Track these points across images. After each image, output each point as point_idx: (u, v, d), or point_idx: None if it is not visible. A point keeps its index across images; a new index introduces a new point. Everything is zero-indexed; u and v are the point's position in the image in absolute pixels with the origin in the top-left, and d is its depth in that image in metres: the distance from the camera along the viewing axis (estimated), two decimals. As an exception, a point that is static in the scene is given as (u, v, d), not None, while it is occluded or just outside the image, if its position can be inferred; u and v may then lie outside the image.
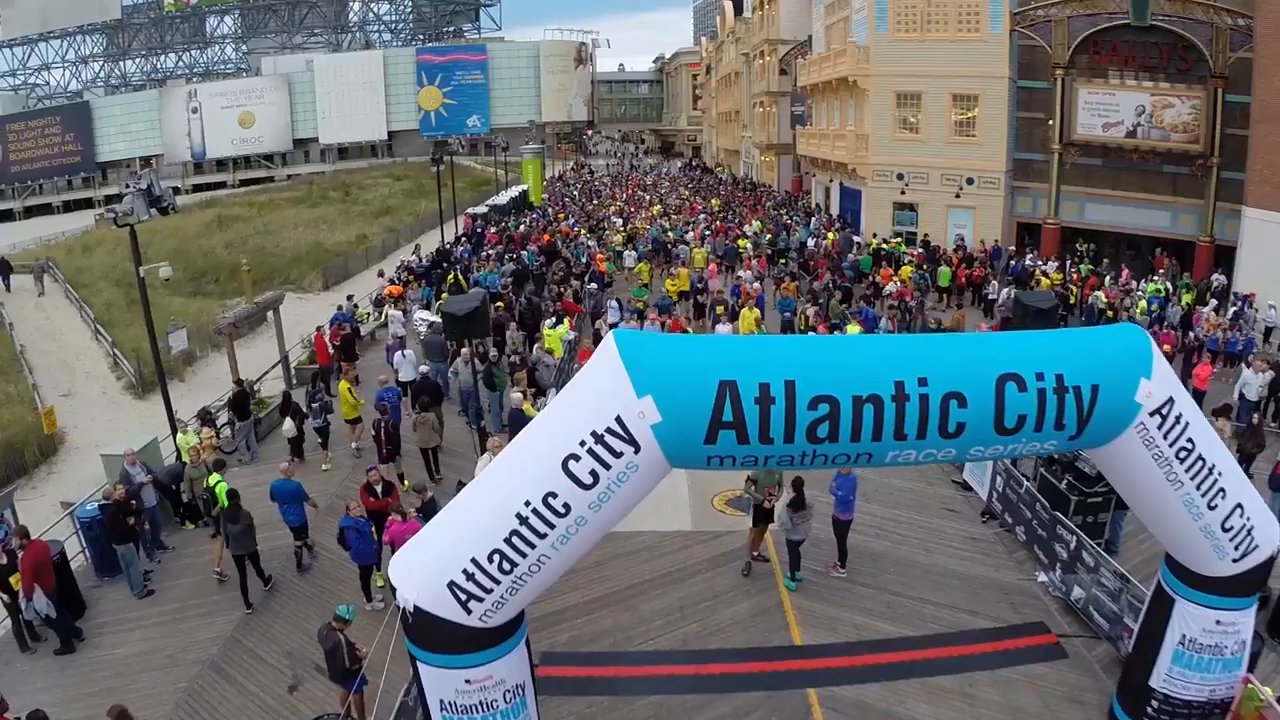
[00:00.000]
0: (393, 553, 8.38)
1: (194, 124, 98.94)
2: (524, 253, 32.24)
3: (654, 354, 6.38)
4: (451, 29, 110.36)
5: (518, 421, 14.91)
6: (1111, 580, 10.58)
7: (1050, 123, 32.00)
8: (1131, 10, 30.18)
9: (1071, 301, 26.61)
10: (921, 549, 13.24)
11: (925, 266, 28.89)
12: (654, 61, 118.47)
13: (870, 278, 28.43)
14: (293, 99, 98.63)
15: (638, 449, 6.25)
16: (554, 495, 6.38)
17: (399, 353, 18.86)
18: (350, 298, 24.99)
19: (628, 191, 54.75)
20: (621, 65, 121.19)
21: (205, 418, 16.20)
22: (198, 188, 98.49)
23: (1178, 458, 7.15)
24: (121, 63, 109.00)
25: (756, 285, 24.55)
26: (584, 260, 29.93)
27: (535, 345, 19.27)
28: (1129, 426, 6.89)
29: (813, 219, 39.33)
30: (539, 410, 16.32)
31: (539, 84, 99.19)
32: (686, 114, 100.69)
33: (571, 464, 6.33)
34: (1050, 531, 12.11)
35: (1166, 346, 21.72)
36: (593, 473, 6.34)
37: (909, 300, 24.41)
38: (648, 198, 48.86)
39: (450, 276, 28.91)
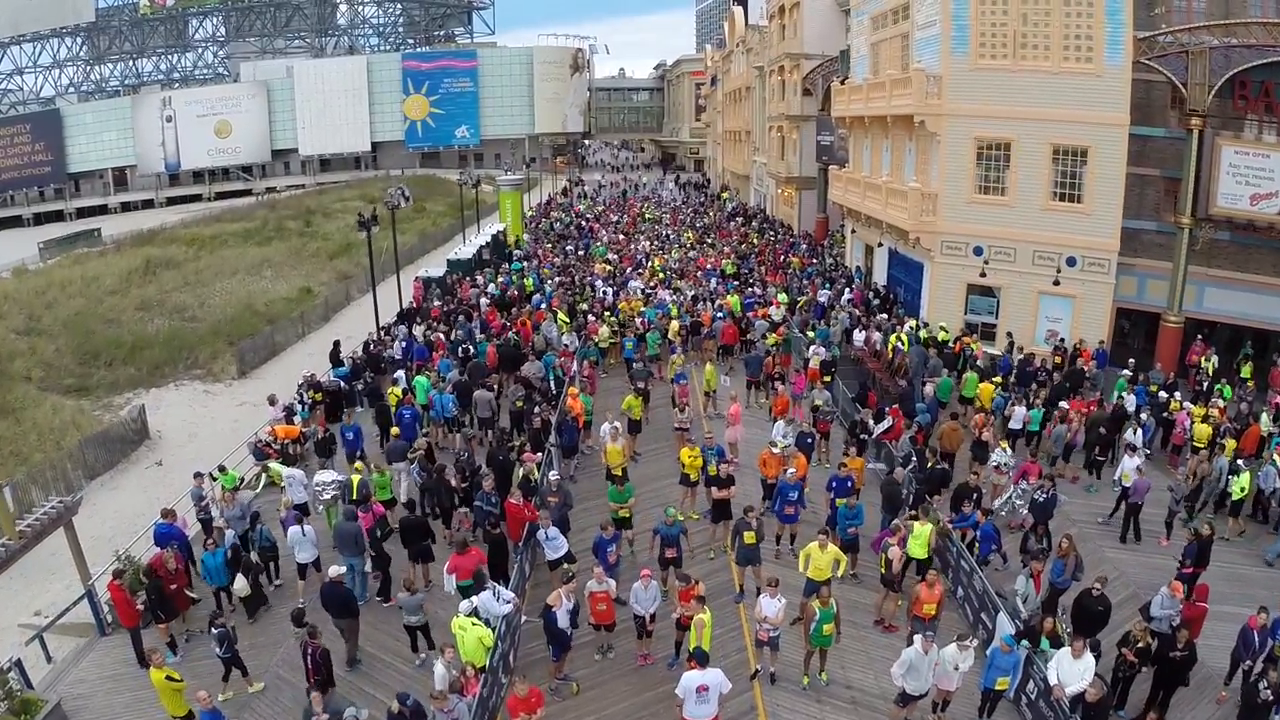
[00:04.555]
0: None
1: (168, 133, 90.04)
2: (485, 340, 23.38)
3: None
4: (442, 33, 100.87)
5: None
6: None
7: (1159, 179, 23.20)
8: (1299, 39, 21.18)
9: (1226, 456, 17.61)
10: None
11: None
12: (655, 68, 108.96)
13: (959, 412, 19.35)
14: (271, 107, 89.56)
15: None
16: None
17: (295, 527, 13.51)
18: (198, 476, 15.83)
19: (625, 229, 45.52)
20: (622, 70, 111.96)
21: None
22: (172, 200, 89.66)
23: None
24: (97, 67, 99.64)
25: (795, 464, 15.41)
26: (552, 380, 20.88)
27: (440, 660, 10.26)
28: None
29: (851, 284, 30.24)
30: None
31: (532, 92, 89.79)
32: (689, 125, 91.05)
33: None
34: None
35: None
36: None
37: (1039, 484, 15.38)
38: (645, 245, 39.55)
39: (394, 393, 20.05)
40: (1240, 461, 16.65)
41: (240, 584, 13.21)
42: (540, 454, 16.27)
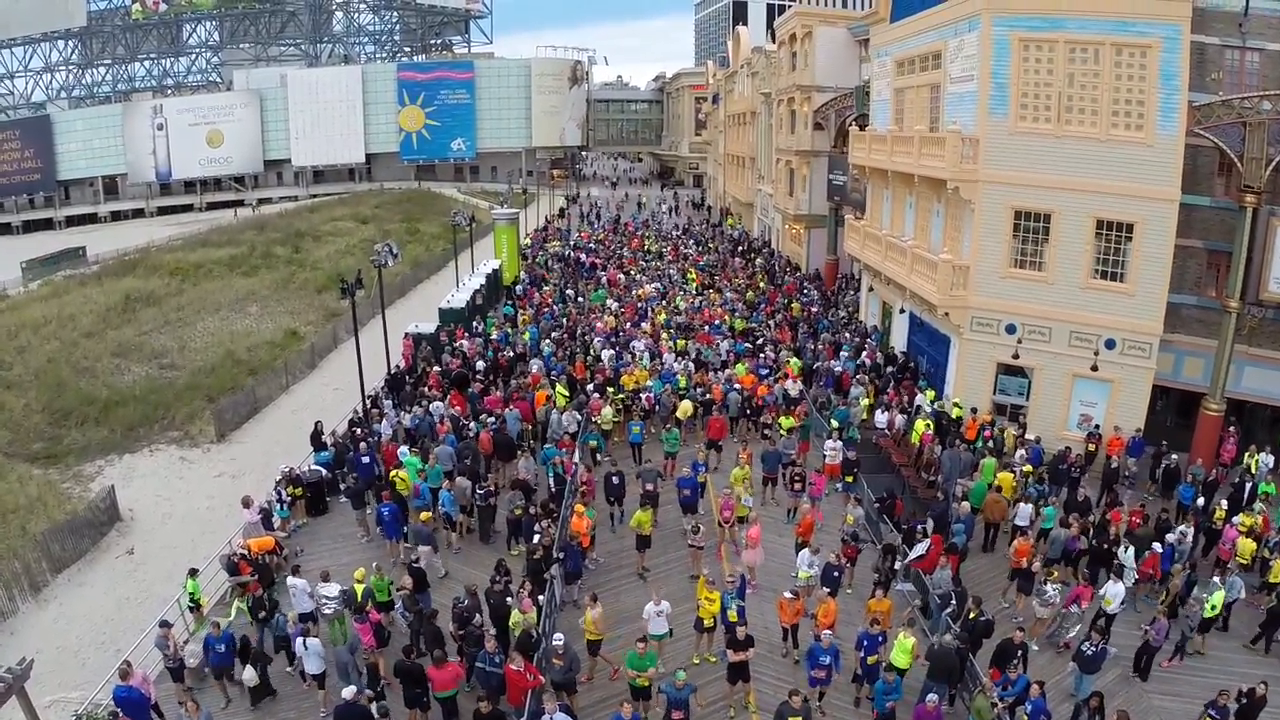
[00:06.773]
0: None
1: (159, 142, 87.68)
2: (479, 421, 21.39)
3: None
4: (439, 41, 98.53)
5: None
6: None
7: (1201, 251, 21.47)
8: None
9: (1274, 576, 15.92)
10: None
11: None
12: (654, 79, 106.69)
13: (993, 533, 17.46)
14: (264, 117, 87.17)
15: None
16: None
17: (301, 640, 12.99)
18: (164, 626, 13.50)
19: (626, 265, 43.45)
20: (620, 77, 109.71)
21: None
22: (163, 210, 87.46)
23: None
24: (89, 72, 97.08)
25: (823, 613, 13.53)
26: (551, 478, 18.93)
27: None
28: None
29: (867, 342, 28.33)
30: None
31: (530, 105, 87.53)
32: (688, 140, 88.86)
33: None
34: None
35: None
36: None
37: (1086, 632, 13.54)
38: (648, 288, 37.41)
39: (398, 481, 18.08)
40: (1216, 579, 15.09)
41: (249, 674, 12.92)
42: (541, 594, 14.37)
